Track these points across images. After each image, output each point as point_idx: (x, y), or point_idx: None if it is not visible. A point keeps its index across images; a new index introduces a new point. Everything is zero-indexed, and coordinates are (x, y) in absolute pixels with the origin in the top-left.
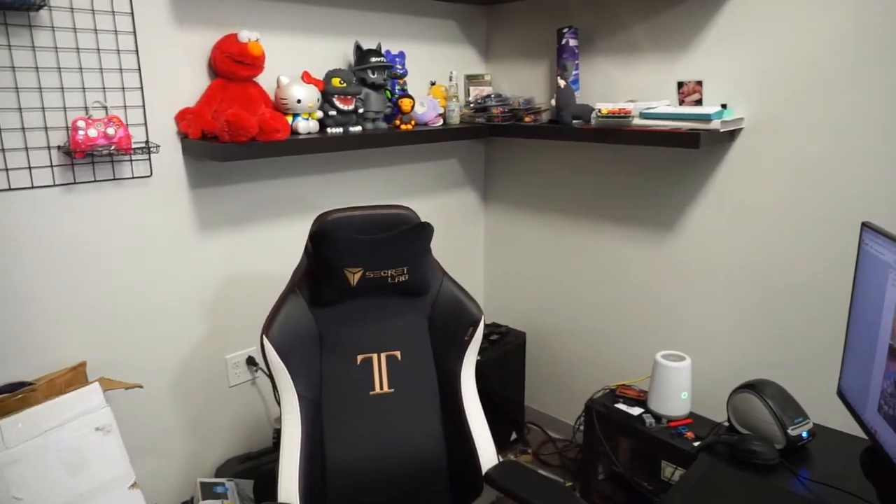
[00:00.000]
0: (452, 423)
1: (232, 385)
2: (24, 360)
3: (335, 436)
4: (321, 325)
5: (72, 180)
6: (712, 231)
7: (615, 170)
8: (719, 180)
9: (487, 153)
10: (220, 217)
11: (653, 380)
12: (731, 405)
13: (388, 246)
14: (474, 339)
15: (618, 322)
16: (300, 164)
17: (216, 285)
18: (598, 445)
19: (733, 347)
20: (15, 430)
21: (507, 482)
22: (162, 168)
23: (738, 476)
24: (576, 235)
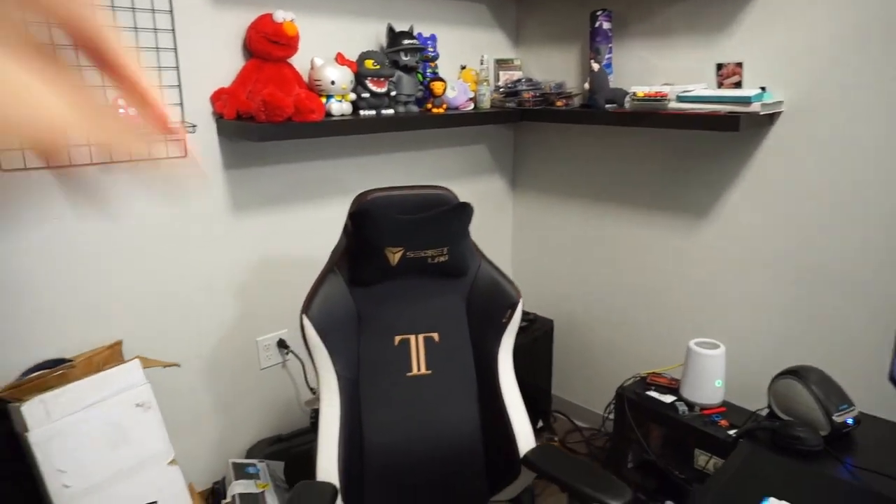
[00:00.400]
0: (489, 405)
1: (263, 367)
2: (63, 338)
3: (372, 417)
4: (360, 305)
5: (109, 159)
6: (749, 217)
7: (648, 155)
8: (757, 165)
9: (517, 139)
10: (253, 198)
11: (686, 367)
12: (773, 391)
13: (428, 226)
14: (512, 322)
15: (648, 310)
16: (332, 147)
17: (248, 267)
18: (628, 433)
19: (770, 336)
20: (58, 404)
21: (546, 465)
22: (197, 148)
23: (781, 462)
24: (606, 222)
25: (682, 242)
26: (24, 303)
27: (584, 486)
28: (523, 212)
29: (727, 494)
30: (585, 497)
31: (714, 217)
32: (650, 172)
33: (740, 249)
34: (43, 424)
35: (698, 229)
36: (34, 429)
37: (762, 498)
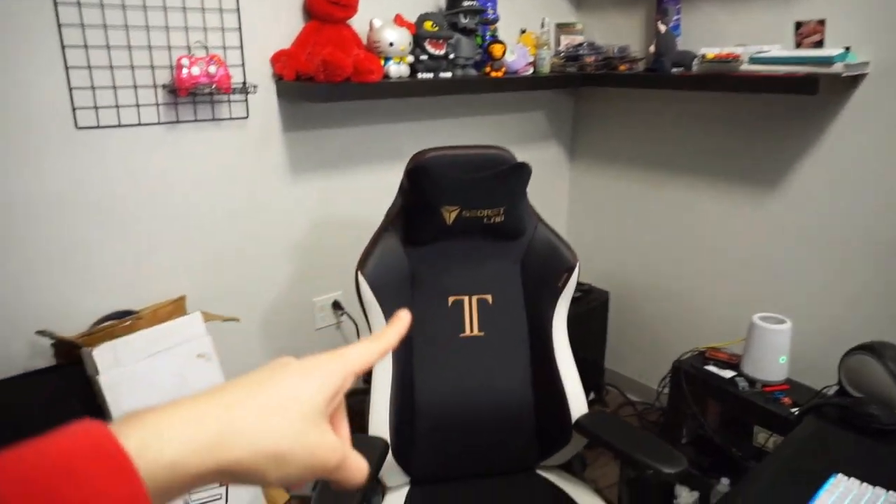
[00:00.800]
0: (542, 369)
1: (318, 328)
2: (131, 290)
3: (424, 376)
4: (414, 265)
5: (174, 119)
6: (823, 189)
7: (715, 123)
8: (835, 133)
9: (577, 105)
10: (311, 160)
11: (748, 343)
12: (844, 367)
13: (485, 185)
14: (568, 286)
15: (709, 283)
16: (389, 111)
17: (305, 228)
18: (684, 407)
19: (841, 311)
20: (126, 350)
21: (599, 430)
22: (258, 110)
23: (851, 439)
24: (667, 192)
25: (748, 213)
26: (96, 257)
27: (638, 453)
28: (581, 180)
29: (790, 470)
30: (638, 464)
31: (784, 188)
32: (716, 140)
33: (811, 223)
34: (112, 369)
35: (766, 200)
36: (104, 372)
37: (829, 474)
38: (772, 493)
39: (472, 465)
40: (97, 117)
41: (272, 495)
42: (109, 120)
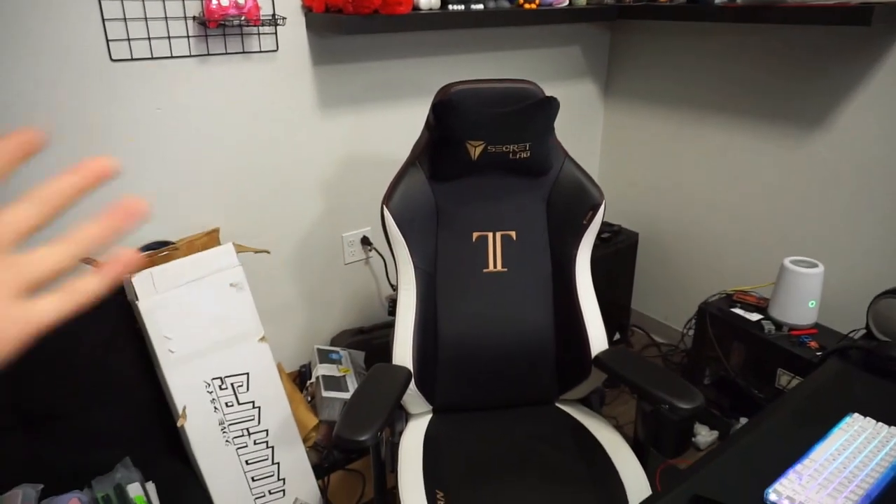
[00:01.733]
0: (564, 305)
1: (347, 263)
2: (167, 222)
3: (447, 309)
4: (439, 200)
5: (205, 51)
6: (870, 127)
7: (758, 58)
8: (886, 68)
9: (613, 40)
10: (340, 96)
11: (778, 286)
12: (874, 311)
13: (511, 120)
14: (593, 224)
15: (741, 225)
16: (420, 44)
17: (335, 164)
18: (708, 349)
19: (877, 256)
20: (164, 277)
21: (617, 366)
22: (287, 43)
23: (874, 383)
24: (701, 131)
25: (787, 155)
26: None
27: (654, 387)
28: (615, 119)
29: (807, 408)
30: (654, 398)
31: (827, 127)
32: (757, 78)
33: (854, 164)
34: (151, 295)
35: (806, 140)
36: (143, 298)
37: (846, 414)
38: (785, 428)
39: (492, 396)
40: (130, 50)
41: (302, 419)
42: (142, 52)
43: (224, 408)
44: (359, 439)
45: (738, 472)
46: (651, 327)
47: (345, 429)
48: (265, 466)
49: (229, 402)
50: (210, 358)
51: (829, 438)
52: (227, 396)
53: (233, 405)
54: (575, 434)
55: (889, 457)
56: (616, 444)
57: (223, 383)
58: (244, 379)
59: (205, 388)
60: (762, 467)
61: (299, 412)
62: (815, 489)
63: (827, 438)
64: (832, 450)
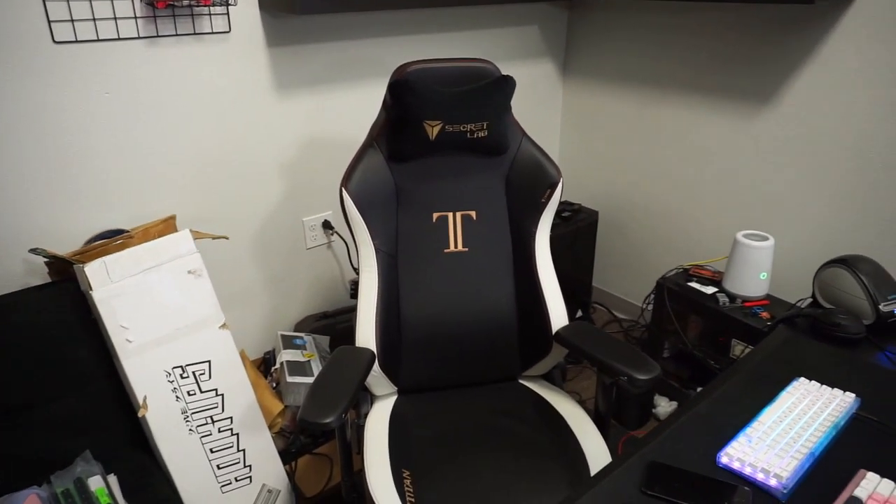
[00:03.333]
0: (525, 283)
1: (309, 247)
2: (121, 210)
3: (410, 290)
4: (398, 181)
5: (154, 33)
6: (816, 103)
7: (709, 37)
8: (832, 45)
9: (571, 19)
10: (297, 77)
11: (731, 259)
12: (819, 280)
13: (468, 99)
14: (551, 202)
15: (697, 201)
16: (377, 24)
17: (294, 147)
18: (666, 323)
19: (823, 228)
20: (118, 266)
21: (577, 340)
22: (240, 24)
23: (818, 347)
24: (659, 110)
25: (739, 131)
26: (87, 176)
27: (613, 360)
28: (574, 98)
29: (756, 374)
30: (613, 370)
31: (776, 103)
32: (709, 56)
33: (802, 138)
34: (105, 284)
35: (757, 116)
36: (97, 288)
37: (793, 378)
38: (736, 394)
39: (456, 375)
40: (74, 31)
41: (267, 405)
42: (87, 34)
43: (186, 396)
44: (323, 422)
45: (692, 437)
46: (612, 303)
47: (308, 411)
48: (231, 454)
49: (191, 390)
50: (170, 346)
51: (776, 402)
52: (188, 385)
53: (195, 393)
54: (538, 408)
55: (831, 417)
56: (577, 416)
57: (184, 372)
58: (206, 367)
59: (165, 378)
60: (715, 432)
61: (264, 398)
62: (764, 450)
63: (774, 402)
64: (779, 412)
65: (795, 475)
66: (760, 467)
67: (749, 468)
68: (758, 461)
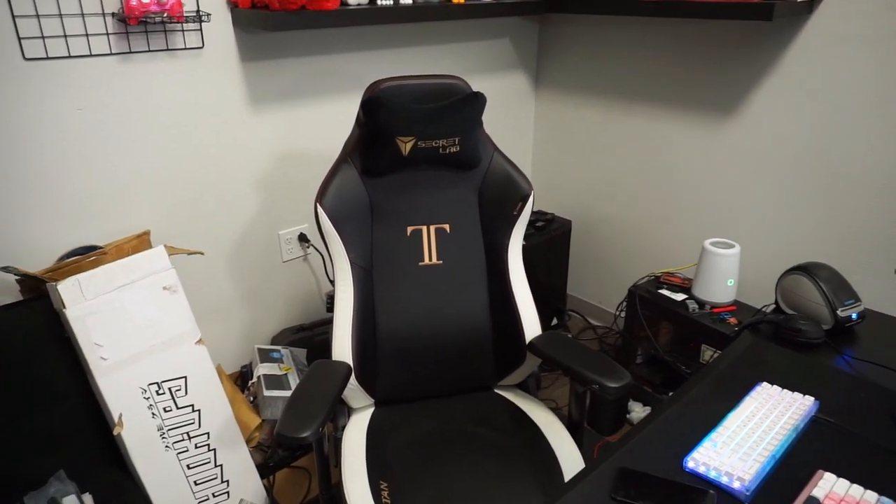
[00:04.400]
0: (498, 294)
1: (285, 260)
2: (94, 226)
3: (385, 303)
4: (372, 195)
5: (127, 49)
6: (777, 115)
7: (676, 50)
8: (790, 59)
9: (541, 33)
10: (271, 92)
11: (699, 267)
12: (781, 287)
13: (440, 115)
14: (523, 214)
15: (666, 210)
16: (350, 39)
17: (269, 160)
18: (638, 330)
19: (786, 235)
20: (92, 284)
21: (550, 350)
22: (213, 40)
23: (780, 352)
24: (629, 121)
25: (705, 141)
26: (59, 193)
27: (584, 369)
28: (546, 110)
29: (722, 379)
30: (584, 379)
31: (739, 115)
32: (677, 68)
33: (764, 148)
34: (79, 302)
35: (722, 127)
36: (70, 306)
37: (756, 383)
38: (703, 400)
39: (432, 386)
40: (45, 48)
41: (244, 420)
42: (58, 51)
43: (162, 413)
44: (299, 436)
45: (661, 443)
46: (587, 311)
47: (285, 426)
48: (208, 469)
49: (167, 407)
50: (145, 363)
51: (740, 406)
52: (164, 401)
53: (171, 410)
54: (513, 417)
55: (791, 420)
56: (552, 424)
57: (160, 388)
58: (182, 383)
59: (141, 395)
60: (682, 437)
61: (241, 413)
62: (728, 454)
63: (738, 407)
64: (743, 417)
65: (757, 478)
66: (724, 471)
67: (714, 472)
68: (722, 465)
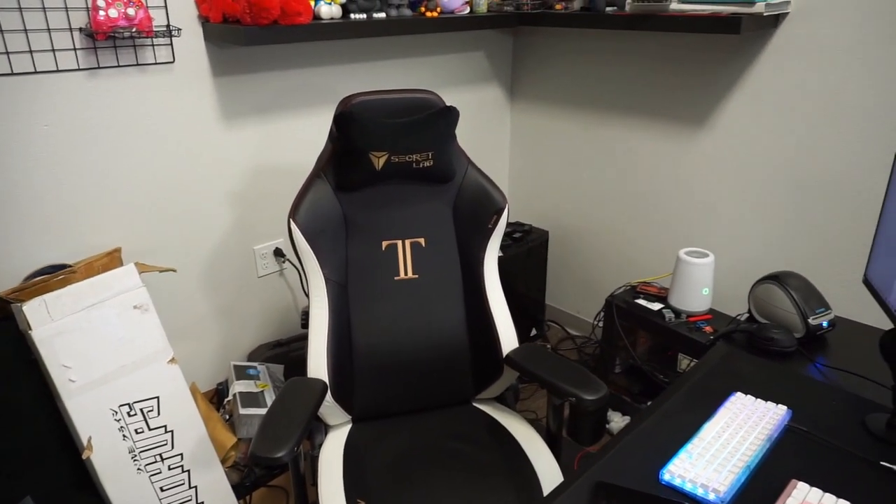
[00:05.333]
0: (475, 308)
1: (261, 275)
2: (63, 244)
3: (361, 319)
4: (346, 210)
5: (95, 64)
6: (747, 126)
7: (648, 63)
8: (758, 71)
9: (515, 45)
10: (244, 106)
11: (674, 276)
12: (753, 296)
13: (413, 130)
14: (498, 227)
15: (642, 220)
16: (324, 53)
17: (242, 176)
18: (616, 339)
19: (759, 244)
20: (59, 304)
21: (527, 363)
22: (184, 54)
23: (754, 361)
24: (603, 132)
25: (679, 152)
26: (25, 210)
27: (561, 381)
28: (521, 122)
29: (697, 389)
30: (561, 392)
31: (711, 126)
32: (649, 80)
33: (735, 159)
34: (45, 323)
35: (695, 138)
36: (37, 327)
37: (731, 392)
38: (679, 410)
39: (410, 401)
40: (10, 63)
41: (220, 439)
42: (24, 66)
43: (134, 435)
44: (275, 456)
45: (637, 455)
46: (565, 321)
47: (260, 446)
48: (182, 492)
49: (139, 428)
50: (116, 384)
51: (715, 417)
52: (136, 423)
53: (143, 431)
54: (491, 431)
55: (765, 430)
56: (529, 437)
57: (131, 409)
58: (154, 403)
59: (111, 416)
60: (659, 448)
61: (216, 432)
62: (703, 466)
63: (713, 417)
64: (718, 427)
65: (732, 489)
66: (700, 483)
67: (689, 484)
68: (697, 477)
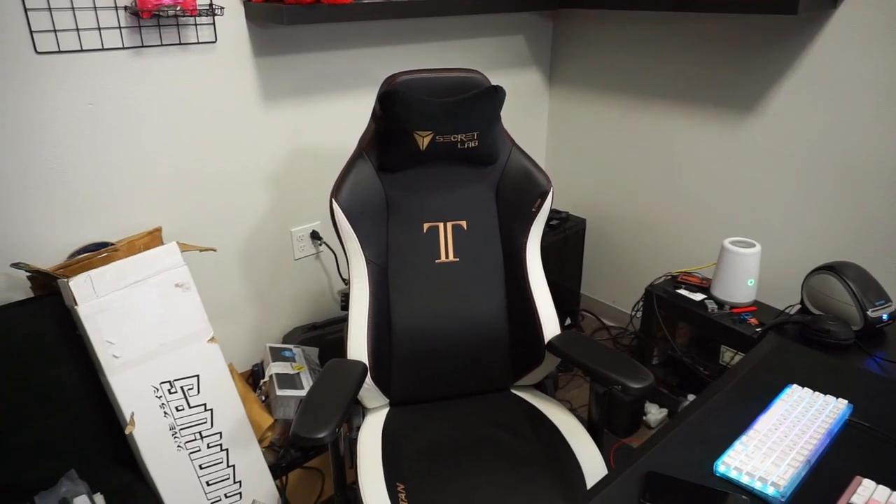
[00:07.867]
0: (516, 293)
1: (297, 258)
2: (106, 222)
3: (401, 302)
4: (388, 191)
5: (139, 43)
6: (800, 112)
7: (694, 46)
8: (814, 54)
9: (556, 29)
10: (284, 87)
11: (718, 266)
12: (807, 286)
13: (459, 109)
14: (542, 211)
15: (682, 209)
16: (362, 35)
17: (281, 157)
18: (655, 330)
19: (808, 235)
20: (103, 280)
21: (570, 350)
22: (226, 34)
23: (808, 354)
24: (645, 119)
25: (724, 139)
26: (71, 188)
27: (606, 369)
28: (559, 107)
29: (749, 382)
30: (606, 380)
31: (760, 111)
32: (695, 65)
33: (785, 146)
34: (90, 299)
35: (742, 125)
36: (82, 303)
37: (785, 385)
38: (730, 403)
39: (448, 386)
40: (57, 41)
41: (256, 419)
42: (71, 44)
43: (174, 412)
44: (317, 437)
45: (687, 447)
46: (601, 311)
47: (302, 427)
48: (220, 470)
49: (179, 406)
50: (157, 361)
51: (770, 409)
52: (177, 400)
53: (183, 409)
54: (531, 419)
55: (825, 423)
56: (571, 426)
57: (172, 387)
58: (194, 381)
59: (153, 393)
60: (710, 441)
61: (253, 412)
62: (761, 458)
63: (769, 410)
64: (774, 420)
65: (793, 483)
66: (758, 476)
67: (747, 477)
68: (755, 470)
